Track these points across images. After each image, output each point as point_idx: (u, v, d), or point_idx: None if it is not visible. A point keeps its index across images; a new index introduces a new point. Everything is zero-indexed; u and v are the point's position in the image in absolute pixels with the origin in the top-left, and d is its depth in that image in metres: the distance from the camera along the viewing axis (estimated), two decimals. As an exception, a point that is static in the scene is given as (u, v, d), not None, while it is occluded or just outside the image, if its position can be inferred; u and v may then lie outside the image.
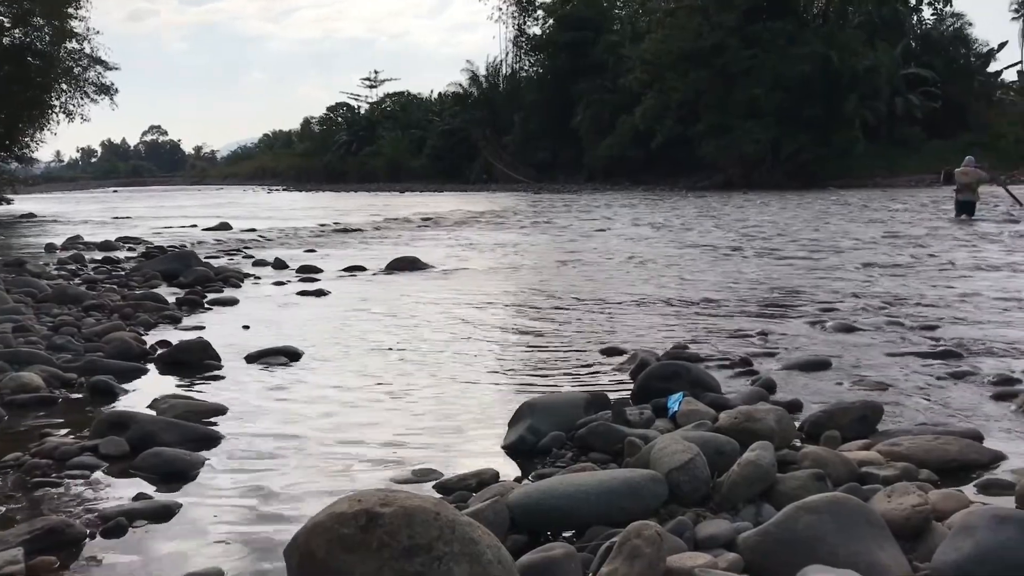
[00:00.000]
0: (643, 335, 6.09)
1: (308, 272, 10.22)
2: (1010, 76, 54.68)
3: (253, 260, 11.79)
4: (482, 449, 3.58)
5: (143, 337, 5.94)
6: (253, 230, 18.63)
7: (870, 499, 2.58)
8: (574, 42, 60.10)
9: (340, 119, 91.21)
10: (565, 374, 4.94)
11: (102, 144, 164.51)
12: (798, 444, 3.36)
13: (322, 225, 20.47)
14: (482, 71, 71.52)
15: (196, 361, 5.19)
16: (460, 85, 73.34)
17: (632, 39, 54.81)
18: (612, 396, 4.07)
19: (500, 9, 74.62)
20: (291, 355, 5.40)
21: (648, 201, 32.36)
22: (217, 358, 5.26)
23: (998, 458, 3.32)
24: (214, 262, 11.14)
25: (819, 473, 2.74)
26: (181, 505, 2.96)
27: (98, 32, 40.50)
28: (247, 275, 9.99)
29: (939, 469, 3.14)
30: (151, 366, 5.21)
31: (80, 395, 4.54)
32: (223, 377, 4.96)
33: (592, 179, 55.10)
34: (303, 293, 8.49)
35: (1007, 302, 7.21)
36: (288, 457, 3.49)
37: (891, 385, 4.49)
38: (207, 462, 3.43)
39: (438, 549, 1.89)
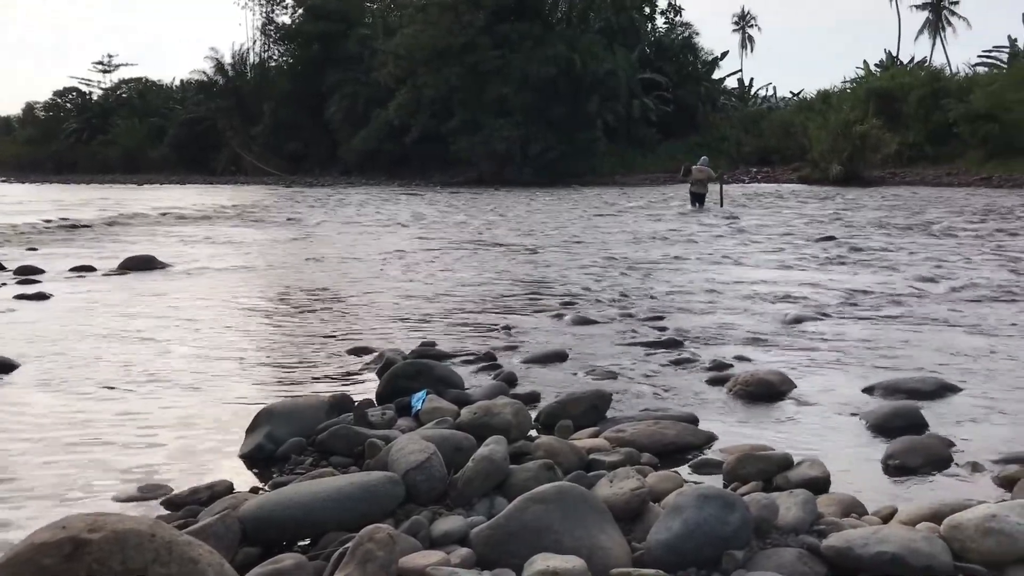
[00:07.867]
0: (393, 333, 6.10)
1: (28, 273, 9.33)
2: (731, 83, 60.20)
3: (-37, 261, 10.59)
4: (218, 460, 3.44)
5: None
6: (-36, 227, 16.75)
7: (594, 485, 2.73)
8: (325, 33, 58.97)
9: (69, 105, 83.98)
10: (311, 377, 4.85)
11: None
12: (534, 435, 3.50)
13: (47, 221, 18.69)
14: (228, 59, 68.49)
15: None
16: (204, 73, 69.79)
17: (385, 33, 54.65)
18: (359, 397, 4.04)
19: (247, -6, 71.65)
20: (4, 367, 4.92)
21: (403, 196, 32.44)
22: (-87, 374, 4.70)
23: (711, 439, 3.63)
24: (-86, 264, 9.92)
25: (548, 463, 2.86)
26: None
27: None
28: (-46, 278, 8.98)
29: (659, 452, 3.38)
30: None
31: None
32: (-80, 394, 4.44)
33: (347, 172, 54.38)
34: (21, 297, 7.73)
35: (725, 293, 7.90)
36: (-4, 481, 3.18)
37: (620, 374, 4.80)
38: None
39: (154, 572, 1.80)
